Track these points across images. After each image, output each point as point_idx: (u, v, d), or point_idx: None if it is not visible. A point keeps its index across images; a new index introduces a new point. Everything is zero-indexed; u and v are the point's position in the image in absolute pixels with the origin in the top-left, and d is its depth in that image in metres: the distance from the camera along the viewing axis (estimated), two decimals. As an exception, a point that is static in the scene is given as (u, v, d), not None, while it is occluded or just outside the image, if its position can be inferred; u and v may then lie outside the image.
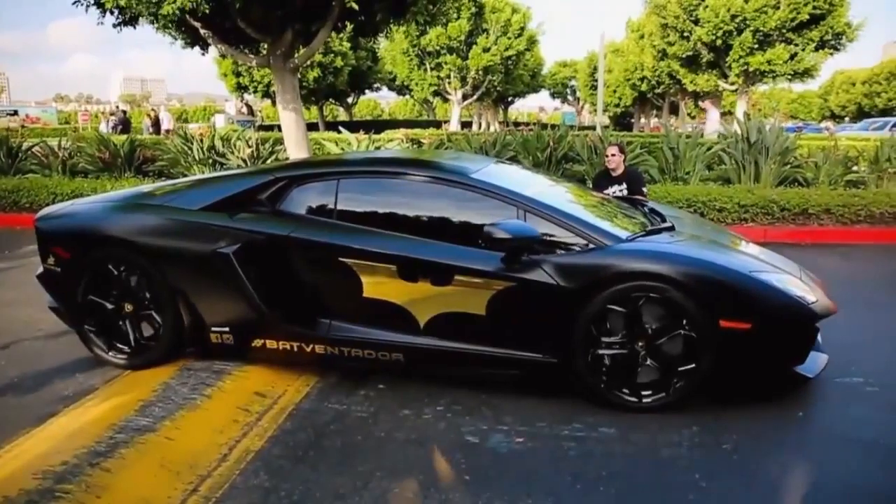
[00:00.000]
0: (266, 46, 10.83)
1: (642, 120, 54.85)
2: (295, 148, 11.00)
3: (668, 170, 11.52)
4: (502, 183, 4.37)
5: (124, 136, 13.87)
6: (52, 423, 3.79)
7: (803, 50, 25.37)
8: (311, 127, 32.45)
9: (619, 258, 3.89)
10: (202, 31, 10.22)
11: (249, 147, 11.65)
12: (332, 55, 32.79)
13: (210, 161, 11.68)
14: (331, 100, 43.09)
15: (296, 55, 10.70)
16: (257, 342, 4.38)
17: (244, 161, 11.37)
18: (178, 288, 4.39)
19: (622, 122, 55.15)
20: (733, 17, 25.33)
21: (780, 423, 3.84)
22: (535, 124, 13.44)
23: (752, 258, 4.32)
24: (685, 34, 27.49)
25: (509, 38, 34.32)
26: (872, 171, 11.21)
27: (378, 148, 11.36)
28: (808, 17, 24.58)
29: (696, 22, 26.69)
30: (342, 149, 11.89)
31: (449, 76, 34.66)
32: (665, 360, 3.87)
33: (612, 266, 3.85)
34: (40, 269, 4.82)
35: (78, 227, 4.69)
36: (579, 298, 3.85)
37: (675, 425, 3.78)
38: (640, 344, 3.88)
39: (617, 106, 50.65)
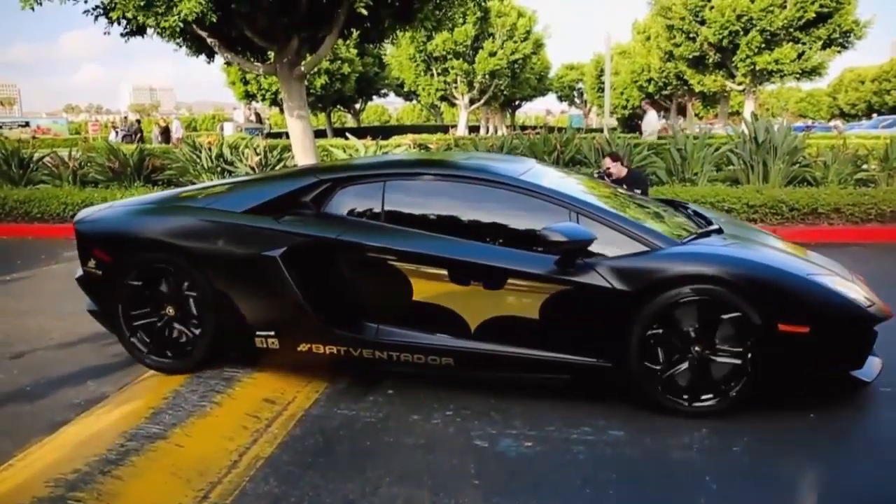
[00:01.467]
0: (272, 54, 10.87)
1: (650, 121, 54.67)
2: (303, 155, 11.02)
3: (675, 171, 11.49)
4: (552, 185, 4.36)
5: (133, 146, 13.94)
6: (63, 432, 3.81)
7: (810, 48, 25.29)
8: (320, 134, 32.60)
9: (675, 261, 3.87)
10: (208, 40, 10.27)
11: (258, 155, 11.69)
12: (339, 62, 32.85)
13: (218, 169, 11.73)
14: (338, 106, 43.14)
15: (302, 63, 10.73)
16: (303, 346, 4.32)
17: (252, 169, 11.41)
18: (223, 291, 4.36)
19: (630, 123, 54.98)
20: (739, 16, 25.26)
21: (791, 424, 3.82)
22: (541, 127, 13.42)
23: (805, 261, 4.29)
24: (691, 35, 27.47)
25: (515, 42, 34.32)
26: (883, 169, 11.13)
27: (385, 153, 11.37)
28: (814, 15, 24.49)
29: (702, 22, 26.65)
30: (350, 155, 11.90)
31: (456, 81, 34.68)
32: (722, 365, 3.85)
33: (668, 269, 3.82)
34: (80, 273, 4.80)
35: (121, 230, 4.66)
36: (635, 302, 3.83)
37: (685, 428, 3.77)
38: (696, 348, 3.86)
39: (625, 108, 50.55)
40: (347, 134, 14.86)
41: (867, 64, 64.93)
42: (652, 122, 17.10)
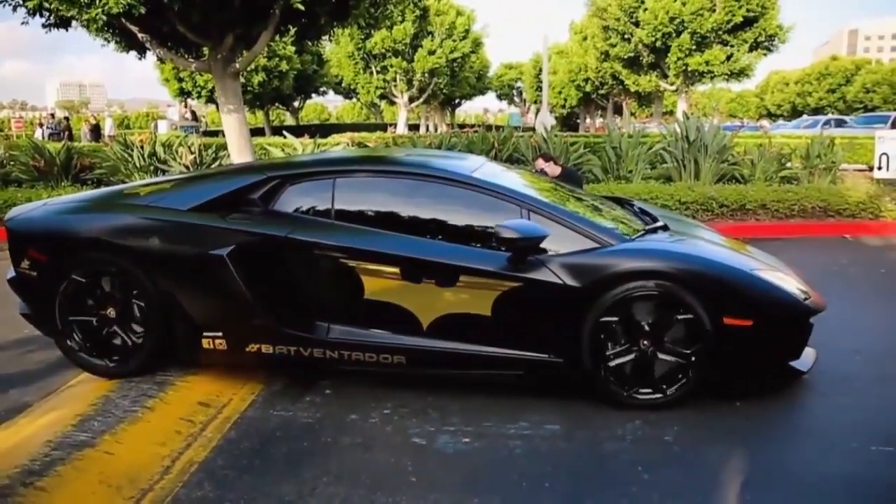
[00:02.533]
0: (207, 50, 10.66)
1: (588, 120, 55.56)
2: (238, 153, 10.85)
3: (611, 169, 11.69)
4: (503, 182, 4.36)
5: (60, 144, 13.50)
6: (-17, 443, 3.64)
7: (738, 51, 26.08)
8: (258, 132, 32.21)
9: (625, 257, 3.92)
10: (139, 35, 10.01)
11: (192, 153, 11.46)
12: (277, 59, 32.49)
13: (151, 168, 11.46)
14: (276, 104, 42.72)
15: (237, 59, 10.54)
16: (252, 347, 4.23)
17: (186, 167, 11.18)
18: (168, 291, 4.24)
19: (569, 122, 55.73)
20: (671, 19, 25.88)
21: (718, 413, 3.92)
22: (480, 126, 13.46)
23: (747, 256, 4.39)
24: (626, 36, 28.02)
25: (454, 41, 34.42)
26: (804, 167, 11.56)
27: (323, 152, 11.26)
28: (742, 19, 25.30)
29: (637, 24, 27.21)
30: (288, 154, 11.76)
31: (395, 79, 34.60)
32: (670, 358, 3.92)
33: (618, 265, 3.87)
34: (11, 274, 4.58)
35: (58, 229, 4.47)
36: (586, 297, 3.87)
37: (618, 420, 3.83)
38: (645, 342, 3.92)
39: (563, 107, 51.20)
40: (285, 132, 14.68)
41: (791, 68, 67.27)
42: (545, 119, 17.69)
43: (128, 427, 3.79)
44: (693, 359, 3.89)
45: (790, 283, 4.15)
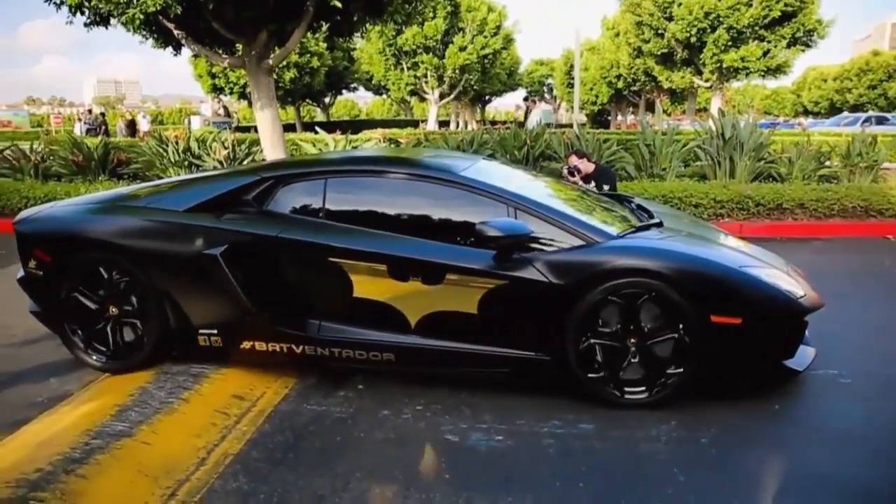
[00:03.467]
0: (240, 47, 10.75)
1: (619, 117, 55.15)
2: (271, 149, 10.94)
3: (644, 166, 11.58)
4: (491, 181, 4.36)
5: (98, 139, 13.70)
6: (25, 430, 3.73)
7: (775, 47, 25.68)
8: (289, 128, 32.35)
9: (610, 255, 3.90)
10: (175, 32, 10.13)
11: (225, 149, 11.57)
12: (309, 55, 32.68)
13: (186, 163, 11.60)
14: (307, 100, 42.93)
15: (271, 56, 10.63)
16: (246, 344, 4.34)
17: (220, 163, 11.29)
18: (165, 290, 4.36)
19: (599, 119, 55.41)
20: (707, 14, 25.56)
21: (756, 415, 3.87)
22: (512, 122, 13.43)
23: (740, 253, 4.35)
24: (660, 31, 27.72)
25: (485, 37, 34.37)
26: (844, 165, 11.34)
27: (355, 147, 11.31)
28: (779, 14, 24.90)
29: (671, 19, 26.91)
30: (319, 149, 11.84)
31: (426, 75, 34.65)
32: (657, 356, 3.90)
33: (603, 263, 3.86)
34: (21, 273, 4.75)
35: (60, 230, 4.63)
36: (571, 295, 3.86)
37: (652, 420, 3.80)
38: (631, 340, 3.90)
39: (594, 104, 50.88)
40: (317, 128, 14.76)
41: (830, 63, 66.13)
42: (535, 118, 17.57)
43: (164, 418, 3.85)
44: (680, 357, 3.87)
45: (784, 280, 4.09)
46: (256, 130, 11.54)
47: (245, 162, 11.32)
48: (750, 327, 3.83)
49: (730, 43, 25.89)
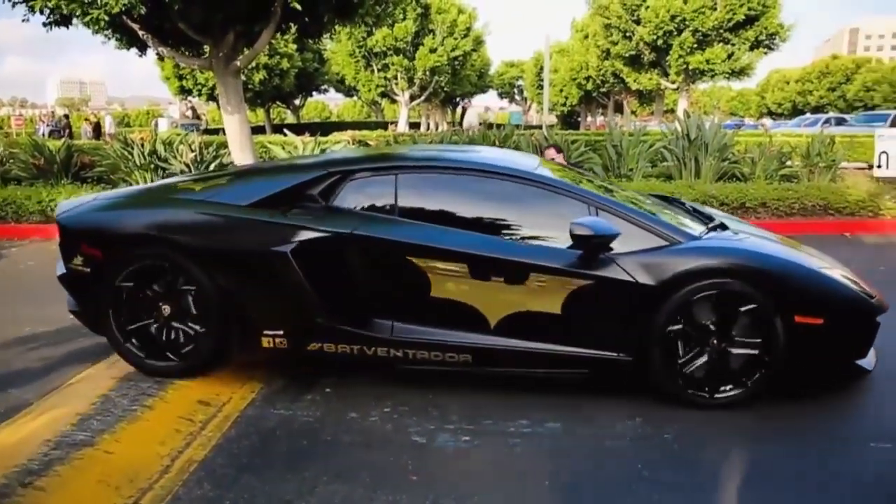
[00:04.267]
0: (208, 48, 10.65)
1: (589, 118, 55.59)
2: (239, 151, 10.86)
3: (612, 167, 11.68)
4: (566, 179, 4.38)
5: (60, 142, 13.46)
6: (-18, 441, 3.63)
7: (739, 49, 26.08)
8: (258, 130, 32.22)
9: (696, 255, 3.91)
10: (140, 33, 10.00)
11: (193, 151, 11.42)
12: (278, 57, 32.53)
13: (151, 166, 11.41)
14: (277, 102, 42.78)
15: (239, 57, 10.54)
16: (314, 346, 4.17)
17: (187, 166, 11.15)
18: (228, 289, 4.17)
19: (570, 120, 55.77)
20: (673, 17, 25.88)
21: (719, 410, 3.92)
22: (481, 124, 13.47)
23: (811, 255, 4.40)
24: (628, 34, 28.02)
25: (456, 39, 34.43)
26: (805, 165, 11.54)
27: (323, 150, 11.24)
28: (743, 17, 25.31)
29: (638, 22, 27.21)
30: (289, 152, 11.74)
31: (396, 77, 34.61)
32: (744, 357, 3.91)
33: (690, 263, 3.86)
34: (62, 270, 4.52)
35: (115, 225, 4.39)
36: (657, 295, 3.86)
37: (618, 417, 3.83)
38: (716, 341, 3.92)
39: (564, 105, 51.22)
40: (285, 130, 14.66)
41: (793, 65, 67.23)
42: (471, 119, 17.72)
43: (127, 426, 3.77)
44: (764, 358, 3.89)
45: (855, 282, 4.17)
46: (225, 133, 11.43)
47: (212, 165, 11.18)
48: (831, 327, 3.88)
49: (695, 45, 26.24)
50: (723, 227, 4.60)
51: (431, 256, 4.03)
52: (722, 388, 3.95)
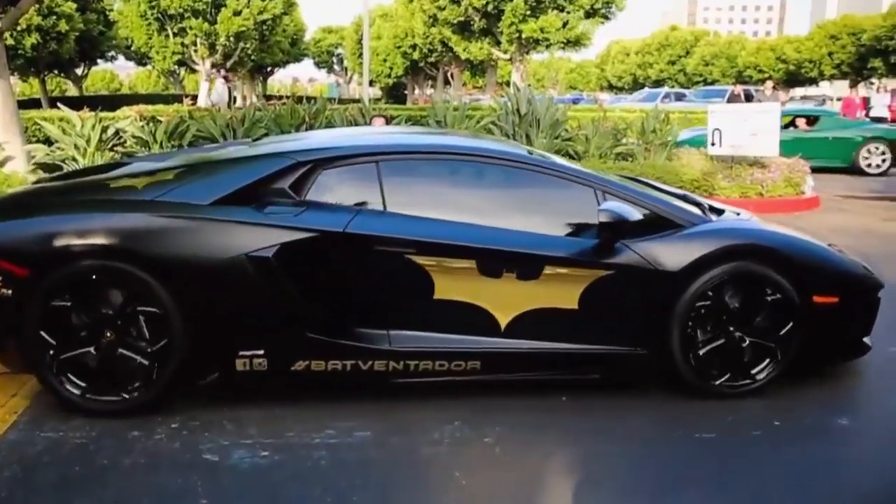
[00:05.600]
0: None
1: (416, 91, 56.20)
2: (2, 129, 10.18)
3: (437, 145, 11.88)
4: (569, 163, 4.48)
5: None
6: None
7: (574, 17, 27.21)
8: (33, 104, 30.25)
9: (715, 238, 4.13)
10: None
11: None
12: (55, 18, 30.77)
13: None
14: (55, 71, 40.42)
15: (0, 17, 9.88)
16: (299, 364, 4.00)
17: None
18: (194, 305, 3.90)
19: (395, 94, 56.21)
20: (504, -20, 26.58)
21: (543, 410, 4.12)
22: (290, 97, 13.26)
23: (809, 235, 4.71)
24: (455, -2, 28.50)
25: (264, 1, 33.74)
26: (640, 142, 12.26)
27: (105, 129, 10.69)
28: (578, -17, 26.37)
29: (467, -15, 27.74)
30: (62, 129, 11.08)
31: (195, 43, 33.45)
32: (761, 342, 4.15)
33: (712, 245, 4.06)
34: None
35: (43, 234, 3.92)
36: (678, 281, 4.00)
37: (435, 422, 3.93)
38: (739, 326, 4.12)
39: (388, 76, 51.52)
40: (60, 105, 13.82)
41: (634, 37, 70.97)
42: (220, 93, 17.90)
43: None
44: (785, 341, 4.15)
45: (857, 259, 4.58)
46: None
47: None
48: (845, 305, 4.23)
49: (528, 12, 27.15)
50: (719, 210, 4.83)
51: (437, 253, 3.98)
52: (736, 376, 4.20)
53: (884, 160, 16.34)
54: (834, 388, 4.50)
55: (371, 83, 33.86)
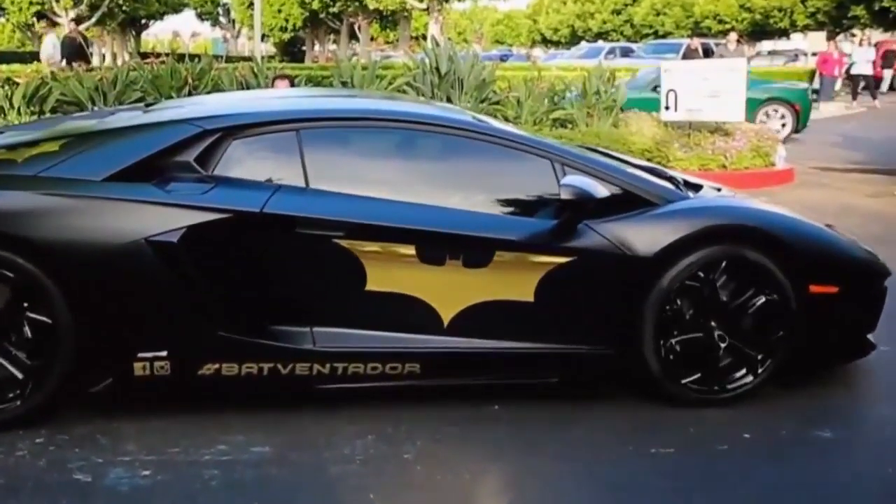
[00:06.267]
0: None
1: (316, 47, 55.80)
2: None
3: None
4: (520, 131, 4.47)
5: None
6: None
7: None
8: None
9: (695, 217, 4.14)
10: None
11: None
12: None
13: None
14: None
15: None
16: (209, 368, 3.91)
17: None
18: (85, 299, 3.81)
19: (292, 50, 55.69)
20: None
21: (471, 421, 4.14)
22: (169, 55, 13.02)
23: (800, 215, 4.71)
24: (362, -64, 28.36)
25: (134, -60, 33.16)
26: (581, 107, 12.30)
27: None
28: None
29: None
30: None
31: (55, -8, 32.73)
32: (752, 337, 4.13)
33: (691, 226, 4.05)
34: None
35: None
36: (654, 267, 3.98)
37: (345, 435, 3.94)
38: (721, 322, 4.10)
39: (284, 30, 51.00)
40: None
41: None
42: (48, 47, 17.85)
43: None
44: (778, 336, 4.16)
45: (857, 242, 4.58)
46: None
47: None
48: (846, 296, 4.22)
49: (448, -47, 27.17)
50: (696, 186, 4.84)
51: (367, 237, 3.94)
52: (736, 376, 4.20)
53: (783, 125, 16.53)
54: (815, 394, 4.50)
55: (263, 38, 33.35)
